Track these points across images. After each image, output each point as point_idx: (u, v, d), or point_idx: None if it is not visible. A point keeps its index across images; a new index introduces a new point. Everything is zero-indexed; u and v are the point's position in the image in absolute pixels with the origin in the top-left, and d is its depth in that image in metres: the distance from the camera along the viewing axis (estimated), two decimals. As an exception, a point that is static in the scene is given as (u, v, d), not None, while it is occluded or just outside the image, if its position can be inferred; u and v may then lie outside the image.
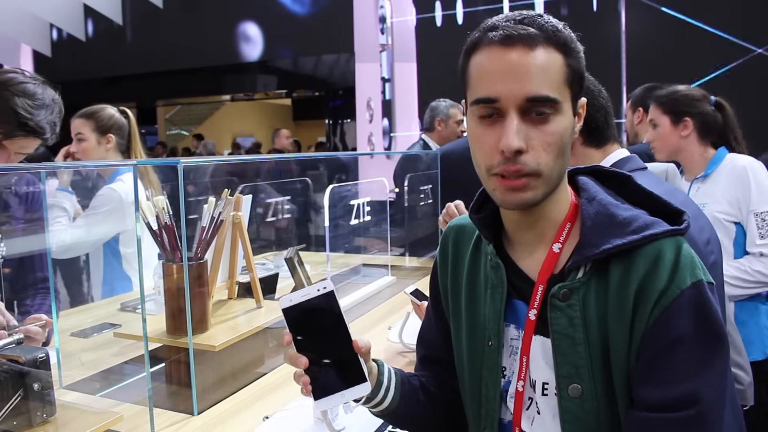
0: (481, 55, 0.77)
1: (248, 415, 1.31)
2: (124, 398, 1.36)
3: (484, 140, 0.77)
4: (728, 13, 4.21)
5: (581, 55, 0.79)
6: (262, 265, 2.54)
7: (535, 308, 0.81)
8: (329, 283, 0.78)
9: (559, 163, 0.77)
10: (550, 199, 0.81)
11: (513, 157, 0.74)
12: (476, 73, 0.77)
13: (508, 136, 0.73)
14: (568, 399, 0.78)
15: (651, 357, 0.74)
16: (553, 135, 0.75)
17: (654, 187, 0.87)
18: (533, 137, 0.74)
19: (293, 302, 0.78)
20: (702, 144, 1.96)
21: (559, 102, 0.75)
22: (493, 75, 0.75)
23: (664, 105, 1.98)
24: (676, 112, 1.95)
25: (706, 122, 1.95)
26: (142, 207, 1.32)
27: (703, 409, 0.71)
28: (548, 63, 0.74)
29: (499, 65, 0.74)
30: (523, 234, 0.85)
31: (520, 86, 0.73)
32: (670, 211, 0.81)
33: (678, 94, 1.98)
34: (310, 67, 8.72)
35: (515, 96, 0.73)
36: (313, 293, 0.78)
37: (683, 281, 0.73)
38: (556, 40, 0.75)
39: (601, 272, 0.78)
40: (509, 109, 0.74)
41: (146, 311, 1.26)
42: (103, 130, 2.22)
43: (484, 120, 0.77)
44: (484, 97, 0.75)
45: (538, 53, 0.74)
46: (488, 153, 0.76)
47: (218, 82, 9.65)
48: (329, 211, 1.95)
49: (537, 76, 0.73)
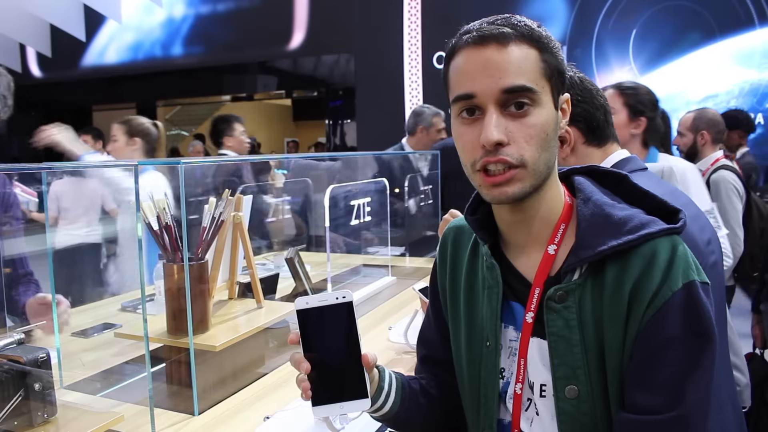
0: (458, 58, 0.78)
1: (249, 415, 1.31)
2: (124, 398, 1.36)
3: (466, 138, 0.78)
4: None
5: (558, 51, 0.79)
6: (262, 265, 2.55)
7: (532, 311, 0.81)
8: (349, 293, 0.77)
9: (544, 156, 0.77)
10: (541, 197, 0.81)
11: (494, 150, 0.75)
12: (454, 74, 0.79)
13: (487, 129, 0.74)
14: (565, 400, 0.78)
15: (642, 358, 0.74)
16: (534, 127, 0.76)
17: (654, 187, 0.87)
18: (514, 130, 0.75)
19: (309, 305, 0.77)
20: (642, 145, 2.01)
21: (537, 92, 0.76)
22: (469, 73, 0.76)
23: (626, 97, 1.97)
24: (636, 110, 1.96)
25: (654, 127, 2.00)
26: (143, 207, 1.32)
27: (686, 411, 0.72)
28: (522, 57, 0.76)
29: (475, 63, 0.76)
30: (517, 235, 0.85)
31: (494, 80, 0.75)
32: (667, 210, 0.81)
33: (641, 92, 1.99)
34: (310, 67, 8.72)
35: (491, 89, 0.75)
36: (331, 300, 0.77)
37: (675, 283, 0.74)
38: (529, 36, 0.77)
39: (597, 273, 0.78)
40: (487, 103, 0.75)
41: (146, 311, 1.26)
42: (131, 134, 2.72)
43: (465, 119, 0.78)
44: (462, 94, 0.77)
45: (512, 49, 0.75)
46: (471, 149, 0.78)
47: (218, 82, 9.65)
48: (329, 211, 1.95)
49: (511, 69, 0.75)
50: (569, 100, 0.84)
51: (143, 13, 9.20)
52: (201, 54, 8.99)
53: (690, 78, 5.54)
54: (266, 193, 2.89)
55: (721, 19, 5.47)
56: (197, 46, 9.04)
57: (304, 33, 8.12)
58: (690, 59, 5.64)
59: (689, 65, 5.63)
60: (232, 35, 8.61)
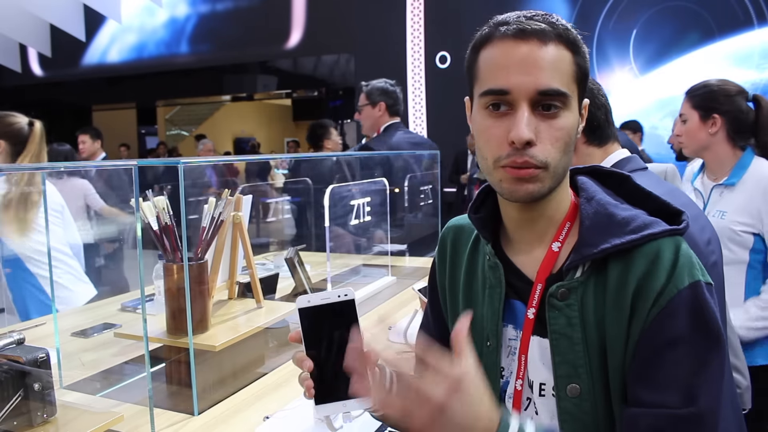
0: (493, 49, 0.77)
1: (248, 415, 1.31)
2: (124, 398, 1.36)
3: (492, 132, 0.77)
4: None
5: (587, 55, 0.79)
6: (262, 265, 2.55)
7: (534, 307, 0.81)
8: (351, 291, 0.77)
9: (565, 159, 0.77)
10: (552, 197, 0.81)
11: (522, 149, 0.74)
12: (487, 65, 0.77)
13: (519, 126, 0.73)
14: (567, 399, 0.78)
15: (647, 356, 0.74)
16: (561, 130, 0.75)
17: (655, 187, 0.87)
18: (542, 130, 0.74)
19: (311, 303, 0.77)
20: (730, 143, 1.84)
21: (569, 96, 0.75)
22: (505, 67, 0.75)
23: (694, 99, 1.86)
24: (706, 108, 1.84)
25: (737, 120, 1.81)
26: (143, 207, 1.32)
27: (700, 410, 0.71)
28: (559, 59, 0.75)
29: (512, 57, 0.74)
30: (523, 233, 0.85)
31: (532, 79, 0.73)
32: (670, 211, 0.81)
33: (709, 89, 1.85)
34: (310, 67, 8.72)
35: (527, 88, 0.74)
36: (333, 298, 0.77)
37: (681, 281, 0.73)
38: (566, 37, 0.76)
39: (600, 272, 0.78)
40: (520, 101, 0.74)
41: (146, 311, 1.26)
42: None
43: (493, 112, 0.77)
44: (497, 89, 0.75)
45: (550, 48, 0.74)
46: (496, 144, 0.76)
47: (218, 82, 9.66)
48: (329, 211, 1.95)
49: (549, 70, 0.74)
50: (587, 105, 0.84)
51: (143, 13, 9.20)
52: (201, 54, 8.99)
53: (690, 78, 5.52)
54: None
55: (720, 19, 5.48)
56: (198, 45, 9.04)
57: (304, 33, 8.13)
58: (690, 59, 5.66)
59: (689, 65, 5.64)
60: (232, 35, 8.61)
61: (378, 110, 3.00)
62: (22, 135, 2.33)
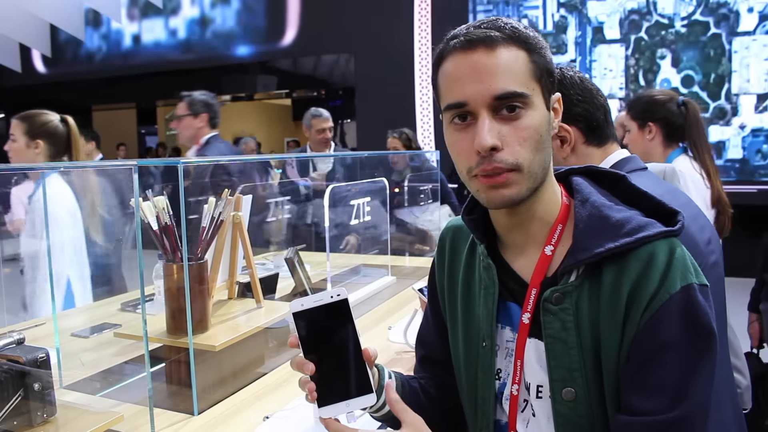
0: (447, 63, 0.78)
1: (248, 415, 1.31)
2: (124, 398, 1.36)
3: (460, 144, 0.78)
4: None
5: (546, 51, 0.79)
6: (262, 265, 2.54)
7: (529, 312, 0.81)
8: (343, 290, 0.77)
9: (539, 157, 0.77)
10: (538, 198, 0.81)
11: (489, 156, 0.74)
12: (444, 81, 0.79)
13: (480, 135, 0.74)
14: (562, 402, 0.78)
15: (638, 361, 0.74)
16: (527, 129, 0.75)
17: (654, 187, 0.87)
18: (506, 134, 0.75)
19: (305, 307, 0.77)
20: (667, 146, 2.02)
21: (528, 96, 0.75)
22: (459, 79, 0.76)
23: (632, 111, 2.08)
24: (642, 118, 2.04)
25: (670, 124, 2.01)
26: (143, 207, 1.32)
27: (686, 412, 0.72)
28: (511, 60, 0.75)
29: (463, 69, 0.76)
30: (513, 236, 0.85)
31: (485, 86, 0.74)
32: (665, 211, 0.81)
33: (643, 100, 2.07)
34: (310, 67, 8.72)
35: (482, 96, 0.74)
36: (326, 299, 0.77)
37: (673, 285, 0.73)
38: (516, 38, 0.76)
39: (594, 275, 0.78)
40: (479, 109, 0.75)
41: (146, 311, 1.26)
42: (32, 135, 2.23)
43: (458, 125, 0.78)
44: (454, 102, 0.77)
45: (500, 52, 0.75)
46: (465, 156, 0.77)
47: (218, 82, 9.66)
48: (329, 211, 1.95)
49: (501, 74, 0.74)
50: (561, 99, 0.83)
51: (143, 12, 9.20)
52: (201, 53, 9.00)
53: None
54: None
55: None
56: (198, 45, 9.05)
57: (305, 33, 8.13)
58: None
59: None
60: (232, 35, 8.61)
61: (200, 121, 3.10)
62: (58, 133, 2.29)
